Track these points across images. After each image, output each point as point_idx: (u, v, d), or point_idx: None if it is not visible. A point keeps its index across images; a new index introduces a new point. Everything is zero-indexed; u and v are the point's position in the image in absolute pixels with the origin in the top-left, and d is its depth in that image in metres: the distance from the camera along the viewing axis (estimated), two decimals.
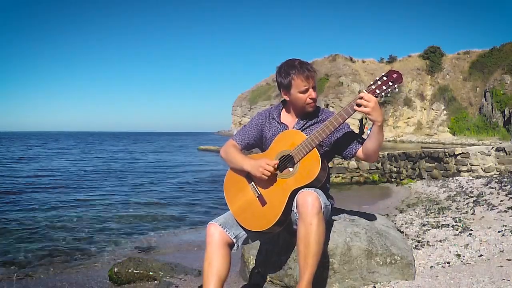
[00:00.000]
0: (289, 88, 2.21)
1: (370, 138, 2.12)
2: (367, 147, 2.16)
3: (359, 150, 2.22)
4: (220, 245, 2.11)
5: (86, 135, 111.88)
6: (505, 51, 49.72)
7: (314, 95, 2.21)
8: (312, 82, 2.18)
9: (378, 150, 2.15)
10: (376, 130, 2.07)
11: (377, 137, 2.09)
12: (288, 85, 2.20)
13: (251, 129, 2.40)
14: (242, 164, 2.21)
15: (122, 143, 51.15)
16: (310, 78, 2.17)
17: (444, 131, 51.44)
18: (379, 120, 2.03)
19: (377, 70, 55.38)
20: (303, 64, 2.20)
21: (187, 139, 71.88)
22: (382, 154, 11.74)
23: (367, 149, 2.17)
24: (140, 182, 12.50)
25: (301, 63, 2.20)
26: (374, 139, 2.10)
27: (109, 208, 7.83)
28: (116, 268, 3.44)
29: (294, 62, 2.21)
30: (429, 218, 4.43)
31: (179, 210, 7.79)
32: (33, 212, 7.26)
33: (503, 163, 8.35)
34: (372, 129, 2.09)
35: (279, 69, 2.25)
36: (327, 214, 2.14)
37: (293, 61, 2.22)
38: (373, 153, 2.16)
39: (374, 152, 2.15)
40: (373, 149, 2.14)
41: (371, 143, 2.12)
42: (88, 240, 5.33)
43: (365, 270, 2.37)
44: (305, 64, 2.20)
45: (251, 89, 74.49)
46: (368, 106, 1.99)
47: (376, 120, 2.02)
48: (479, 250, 3.01)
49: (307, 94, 2.19)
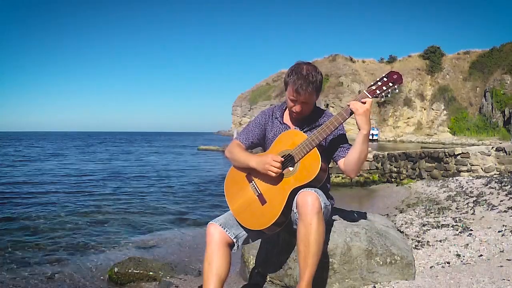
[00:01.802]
0: (285, 89, 2.24)
1: (353, 147, 2.11)
2: (348, 158, 2.14)
3: (340, 161, 2.21)
4: (220, 245, 2.11)
5: (84, 135, 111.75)
6: (505, 51, 49.78)
7: (298, 109, 2.19)
8: (301, 98, 2.15)
9: (358, 163, 2.09)
10: (360, 139, 2.04)
11: (360, 147, 2.05)
12: (285, 85, 2.23)
13: (254, 127, 2.40)
14: (247, 161, 2.20)
15: (121, 143, 51.11)
16: (299, 94, 2.13)
17: (444, 131, 51.48)
18: (365, 128, 2.02)
19: (377, 70, 55.46)
20: (303, 78, 2.11)
21: (187, 139, 71.89)
22: (382, 154, 11.75)
23: (348, 160, 2.14)
24: (140, 182, 12.50)
25: (302, 76, 2.11)
26: (356, 149, 2.07)
27: (109, 208, 7.83)
28: (116, 268, 3.45)
29: (299, 70, 2.14)
30: (429, 218, 4.43)
31: (179, 210, 7.78)
32: (32, 212, 7.25)
33: (503, 163, 8.35)
34: (357, 138, 2.06)
35: (290, 67, 2.21)
36: (327, 214, 2.14)
37: (301, 68, 2.15)
38: (353, 165, 2.10)
39: (354, 164, 2.09)
40: (354, 160, 2.09)
41: (352, 153, 2.10)
42: (88, 240, 5.33)
43: (365, 270, 2.37)
44: (304, 79, 2.10)
45: (251, 89, 74.58)
46: (358, 109, 2.00)
47: (362, 127, 2.02)
48: (479, 250, 3.01)
49: (293, 104, 2.20)
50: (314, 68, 2.17)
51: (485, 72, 50.27)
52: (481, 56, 52.66)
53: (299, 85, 2.11)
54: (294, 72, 2.15)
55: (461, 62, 54.45)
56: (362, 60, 61.31)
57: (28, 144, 45.63)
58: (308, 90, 2.12)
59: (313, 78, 2.13)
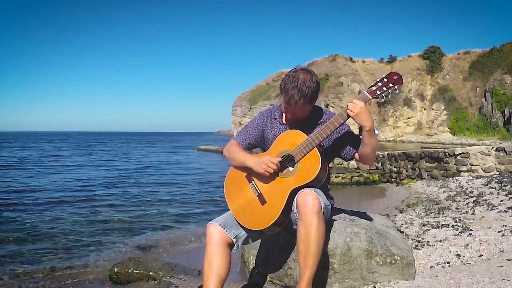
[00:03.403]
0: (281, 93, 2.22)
1: (361, 143, 2.14)
2: (361, 152, 2.18)
3: (357, 153, 2.23)
4: (220, 245, 2.11)
5: (83, 135, 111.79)
6: (505, 51, 49.74)
7: (289, 116, 2.23)
8: (291, 109, 2.15)
9: (372, 154, 2.16)
10: (365, 136, 2.08)
11: (367, 142, 2.10)
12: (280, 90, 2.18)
13: (252, 129, 2.39)
14: (244, 161, 2.21)
15: (121, 143, 51.10)
16: (289, 105, 2.12)
17: (444, 131, 51.46)
18: (367, 125, 2.03)
19: (377, 70, 55.42)
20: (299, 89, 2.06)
21: (187, 139, 71.87)
22: (382, 154, 11.76)
23: (361, 153, 2.19)
24: (140, 182, 12.50)
25: (296, 87, 2.06)
26: (365, 144, 2.12)
27: (109, 208, 7.83)
28: (116, 268, 3.44)
29: (296, 80, 2.08)
30: (429, 218, 4.43)
31: (179, 210, 7.78)
32: (32, 213, 7.25)
33: (503, 163, 8.36)
34: (362, 136, 2.10)
35: (287, 73, 2.16)
36: (327, 214, 2.14)
37: (297, 78, 2.08)
38: (367, 158, 2.17)
39: (368, 156, 2.16)
40: (366, 154, 2.16)
41: (363, 148, 2.15)
42: (88, 240, 5.33)
43: (365, 270, 2.37)
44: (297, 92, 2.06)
45: (251, 89, 74.52)
46: (353, 110, 2.01)
47: (363, 125, 2.04)
48: (479, 250, 3.01)
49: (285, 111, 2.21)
50: (310, 77, 2.09)
51: (485, 72, 50.23)
52: (481, 56, 52.60)
53: (291, 97, 2.09)
54: (289, 81, 2.09)
55: (461, 62, 54.38)
56: (362, 60, 61.25)
57: (27, 144, 45.63)
58: (299, 103, 2.09)
59: (306, 89, 2.07)
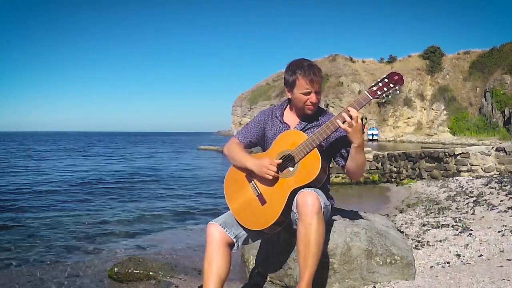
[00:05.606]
0: (293, 87, 2.21)
1: (349, 157, 2.13)
2: (347, 166, 2.17)
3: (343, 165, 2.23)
4: (220, 245, 2.11)
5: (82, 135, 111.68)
6: (505, 51, 49.77)
7: (315, 99, 2.19)
8: (316, 86, 2.17)
9: (358, 171, 2.13)
10: (353, 152, 2.07)
11: (354, 158, 2.09)
12: (292, 83, 2.21)
13: (253, 127, 2.39)
14: (245, 162, 2.21)
15: (121, 144, 51.09)
16: (314, 82, 2.16)
17: (444, 131, 51.48)
18: (356, 142, 2.03)
19: (377, 70, 55.47)
20: (311, 66, 2.17)
21: (187, 139, 71.86)
22: (382, 154, 11.75)
23: (347, 168, 2.18)
24: (140, 182, 12.50)
25: (310, 65, 2.18)
26: (352, 159, 2.11)
27: (109, 207, 7.83)
28: (116, 268, 3.44)
29: (303, 63, 2.19)
30: (429, 218, 4.43)
31: (179, 210, 7.78)
32: (32, 213, 7.26)
33: (503, 163, 8.35)
34: (350, 150, 2.09)
35: (288, 66, 2.24)
36: (327, 214, 2.14)
37: (302, 61, 2.20)
38: (352, 173, 2.15)
39: (354, 172, 2.14)
40: (352, 170, 2.14)
41: (349, 163, 2.14)
42: (88, 240, 5.33)
43: (365, 270, 2.37)
44: (313, 68, 2.17)
45: (251, 89, 74.59)
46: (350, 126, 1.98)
47: (353, 141, 2.03)
48: (479, 250, 3.01)
49: (308, 97, 2.19)
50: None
51: (485, 72, 50.25)
52: (481, 56, 52.63)
53: (312, 74, 2.15)
54: (298, 66, 2.18)
55: (461, 62, 54.41)
56: (362, 60, 61.29)
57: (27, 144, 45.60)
58: (320, 76, 2.18)
59: (317, 67, 2.19)
